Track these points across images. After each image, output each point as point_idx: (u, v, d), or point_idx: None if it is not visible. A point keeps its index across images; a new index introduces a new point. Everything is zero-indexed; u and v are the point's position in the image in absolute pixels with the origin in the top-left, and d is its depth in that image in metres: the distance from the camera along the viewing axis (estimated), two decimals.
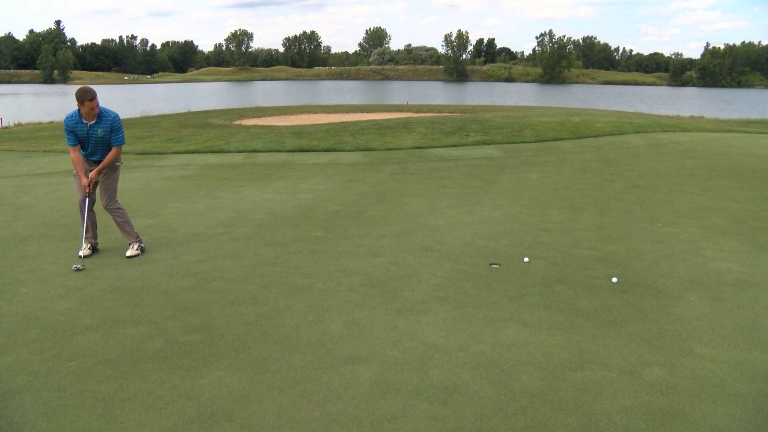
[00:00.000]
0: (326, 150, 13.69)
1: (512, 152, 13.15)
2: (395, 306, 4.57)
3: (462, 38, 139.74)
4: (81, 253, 5.79)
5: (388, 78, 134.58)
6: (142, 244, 5.99)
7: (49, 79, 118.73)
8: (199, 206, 8.08)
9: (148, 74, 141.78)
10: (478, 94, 72.20)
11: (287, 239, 6.42)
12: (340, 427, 3.03)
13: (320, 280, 5.14)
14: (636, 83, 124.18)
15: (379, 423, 3.06)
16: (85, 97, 5.58)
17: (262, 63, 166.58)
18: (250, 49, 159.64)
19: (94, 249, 6.01)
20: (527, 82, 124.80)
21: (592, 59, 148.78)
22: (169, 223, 7.13)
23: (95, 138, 5.83)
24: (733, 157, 12.48)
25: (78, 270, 5.40)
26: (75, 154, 5.81)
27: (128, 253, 5.83)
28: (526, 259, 5.67)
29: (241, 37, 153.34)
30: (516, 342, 3.96)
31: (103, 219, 6.30)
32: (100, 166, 5.81)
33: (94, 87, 5.82)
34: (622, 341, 3.99)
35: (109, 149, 5.85)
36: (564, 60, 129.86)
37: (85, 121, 5.73)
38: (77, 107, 5.69)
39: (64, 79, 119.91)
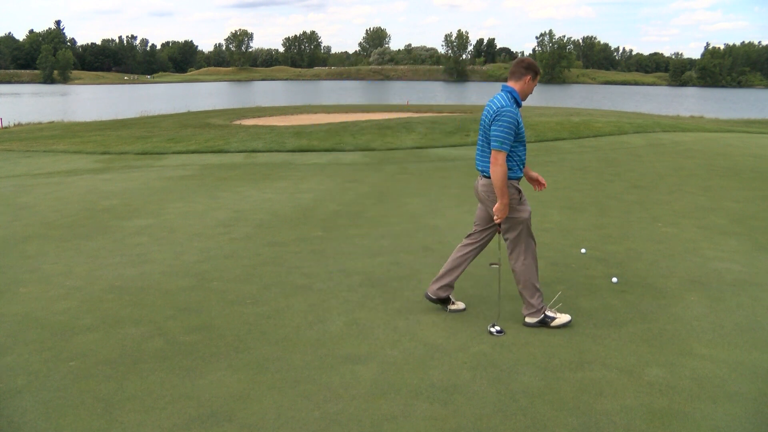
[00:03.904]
0: (326, 150, 13.68)
1: None
2: (395, 306, 4.57)
3: (462, 38, 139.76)
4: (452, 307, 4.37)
5: (388, 78, 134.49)
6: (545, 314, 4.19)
7: (49, 79, 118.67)
8: (199, 206, 8.07)
9: (148, 74, 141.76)
10: (478, 94, 72.10)
11: (287, 239, 6.42)
12: (340, 427, 3.03)
13: (320, 280, 5.13)
14: (636, 83, 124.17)
15: (379, 423, 3.06)
16: (536, 68, 4.11)
17: (262, 63, 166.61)
18: (250, 49, 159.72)
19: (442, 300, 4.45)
20: None
21: (592, 59, 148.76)
22: (169, 223, 7.12)
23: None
24: (733, 157, 12.48)
25: (498, 333, 4.08)
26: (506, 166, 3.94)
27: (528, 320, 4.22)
28: (583, 250, 5.79)
29: (241, 37, 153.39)
30: (516, 342, 3.96)
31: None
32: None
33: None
34: (622, 341, 3.98)
35: None
36: (564, 60, 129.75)
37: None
38: (516, 85, 4.07)
39: (64, 79, 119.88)
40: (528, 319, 4.21)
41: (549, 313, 4.19)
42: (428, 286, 4.49)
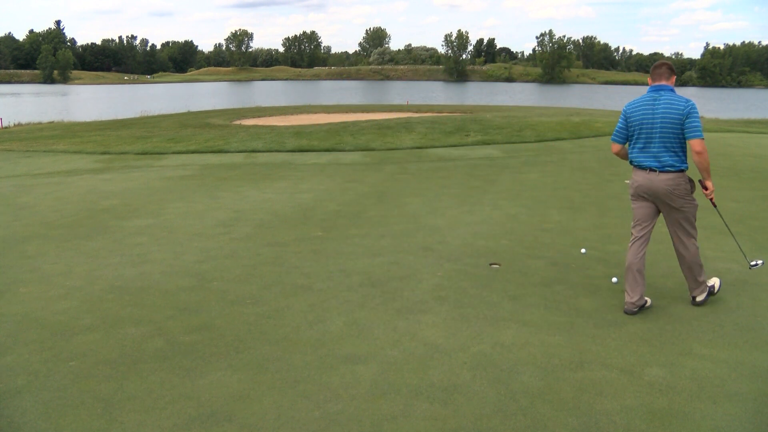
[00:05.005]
0: (326, 150, 13.69)
1: (512, 152, 13.14)
2: (395, 306, 4.57)
3: (462, 38, 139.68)
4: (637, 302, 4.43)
5: (388, 78, 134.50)
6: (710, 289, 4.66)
7: (49, 79, 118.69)
8: (199, 206, 8.08)
9: (148, 74, 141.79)
10: (478, 94, 72.16)
11: (287, 239, 6.42)
12: (340, 427, 3.03)
13: (320, 280, 5.13)
14: (636, 83, 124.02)
15: (379, 423, 3.06)
16: (674, 68, 4.67)
17: (262, 63, 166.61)
18: (250, 49, 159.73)
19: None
20: (527, 82, 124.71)
21: (592, 59, 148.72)
22: (169, 223, 7.12)
23: None
24: (733, 157, 12.48)
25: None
26: None
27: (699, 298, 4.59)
28: (583, 251, 5.86)
29: (241, 37, 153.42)
30: (516, 342, 3.96)
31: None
32: None
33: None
34: (622, 341, 3.98)
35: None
36: (564, 60, 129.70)
37: None
38: (669, 83, 4.62)
39: (64, 79, 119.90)
40: (699, 298, 4.56)
41: (708, 283, 4.62)
42: (625, 305, 4.47)
